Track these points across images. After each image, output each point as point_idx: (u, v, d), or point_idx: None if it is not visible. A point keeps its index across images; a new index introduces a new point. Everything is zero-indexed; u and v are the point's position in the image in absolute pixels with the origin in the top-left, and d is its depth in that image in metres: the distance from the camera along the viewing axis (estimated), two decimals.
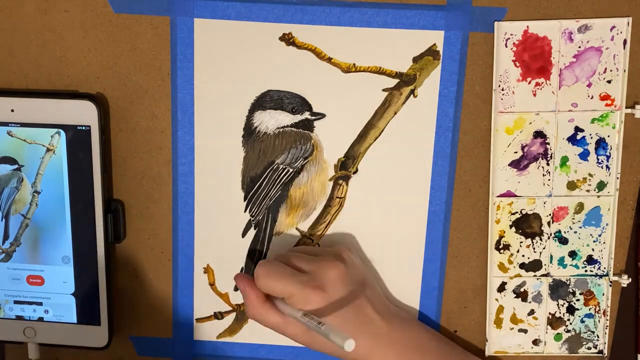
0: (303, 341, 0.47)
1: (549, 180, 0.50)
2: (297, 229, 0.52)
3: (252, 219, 0.52)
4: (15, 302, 0.53)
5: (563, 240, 0.51)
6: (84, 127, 0.50)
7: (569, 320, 0.52)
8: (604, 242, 0.51)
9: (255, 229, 0.52)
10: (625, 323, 0.53)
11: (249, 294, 0.47)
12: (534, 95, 0.49)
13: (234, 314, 0.54)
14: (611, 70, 0.48)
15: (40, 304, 0.53)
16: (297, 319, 0.44)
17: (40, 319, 0.53)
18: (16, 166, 0.51)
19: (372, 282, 0.50)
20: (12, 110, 0.50)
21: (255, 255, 0.53)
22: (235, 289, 0.54)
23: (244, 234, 0.53)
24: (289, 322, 0.47)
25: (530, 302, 0.52)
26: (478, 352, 0.54)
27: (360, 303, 0.47)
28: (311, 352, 0.54)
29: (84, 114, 0.49)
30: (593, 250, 0.51)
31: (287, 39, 0.49)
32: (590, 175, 0.50)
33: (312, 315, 0.43)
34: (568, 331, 0.52)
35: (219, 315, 0.54)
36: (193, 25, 0.49)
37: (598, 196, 0.50)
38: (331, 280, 0.46)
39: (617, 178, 0.50)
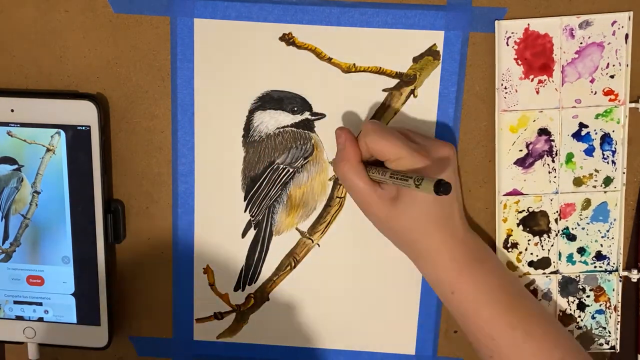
0: (386, 216, 0.46)
1: (555, 177, 0.50)
2: (297, 229, 0.52)
3: (252, 219, 0.52)
4: (15, 302, 0.53)
5: (571, 237, 0.51)
6: (84, 127, 0.50)
7: (579, 317, 0.52)
8: (613, 238, 0.51)
9: (255, 229, 0.52)
10: (625, 322, 0.53)
11: (348, 149, 0.46)
12: (537, 92, 0.49)
13: (234, 314, 0.54)
14: (614, 65, 0.48)
15: (40, 304, 0.53)
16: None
17: (40, 319, 0.53)
18: (16, 166, 0.51)
19: (459, 189, 0.50)
20: (12, 110, 0.50)
21: (255, 256, 0.53)
22: (235, 288, 0.54)
23: (244, 234, 0.53)
24: (375, 187, 0.46)
25: (540, 299, 0.52)
26: None
27: (452, 198, 0.46)
28: (311, 352, 0.54)
29: (84, 114, 0.49)
30: (602, 246, 0.51)
31: (287, 39, 0.49)
32: (596, 171, 0.50)
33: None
34: (579, 328, 0.52)
35: (219, 316, 0.54)
36: (193, 25, 0.49)
37: (605, 192, 0.50)
38: (440, 159, 0.45)
39: (624, 173, 0.50)
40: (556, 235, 0.51)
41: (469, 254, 0.47)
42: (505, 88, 0.49)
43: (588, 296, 0.52)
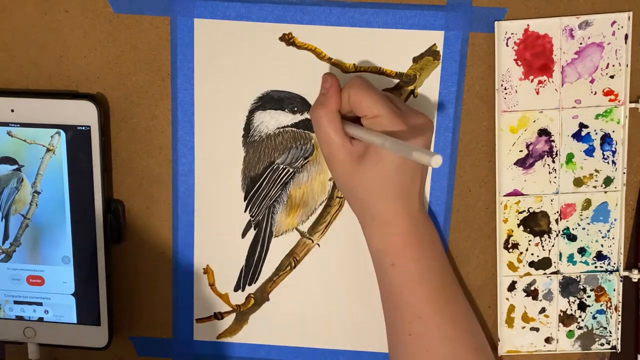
0: (349, 173, 0.46)
1: (556, 177, 0.50)
2: (297, 229, 0.52)
3: (252, 219, 0.52)
4: (15, 302, 0.53)
5: (572, 237, 0.51)
6: (84, 127, 0.50)
7: (580, 317, 0.52)
8: (613, 238, 0.51)
9: (255, 229, 0.52)
10: (625, 322, 0.53)
11: (330, 94, 0.45)
12: (537, 93, 0.49)
13: (234, 314, 0.54)
14: (613, 66, 0.48)
15: (40, 304, 0.53)
16: (375, 137, 0.42)
17: (40, 319, 0.53)
18: (16, 166, 0.51)
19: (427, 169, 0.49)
20: (12, 110, 0.50)
21: (255, 256, 0.53)
22: (235, 288, 0.54)
23: (244, 234, 0.53)
24: (345, 141, 0.45)
25: (541, 300, 0.52)
26: None
27: (415, 171, 0.45)
28: (311, 352, 0.54)
29: (84, 114, 0.49)
30: (602, 246, 0.51)
31: (287, 39, 0.49)
32: (596, 171, 0.50)
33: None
34: (580, 328, 0.52)
35: (219, 316, 0.54)
36: (193, 25, 0.49)
37: (605, 192, 0.50)
38: (416, 128, 0.45)
39: (624, 173, 0.50)
40: (557, 235, 0.51)
41: (417, 231, 0.46)
42: (505, 89, 0.49)
43: (589, 296, 0.52)
